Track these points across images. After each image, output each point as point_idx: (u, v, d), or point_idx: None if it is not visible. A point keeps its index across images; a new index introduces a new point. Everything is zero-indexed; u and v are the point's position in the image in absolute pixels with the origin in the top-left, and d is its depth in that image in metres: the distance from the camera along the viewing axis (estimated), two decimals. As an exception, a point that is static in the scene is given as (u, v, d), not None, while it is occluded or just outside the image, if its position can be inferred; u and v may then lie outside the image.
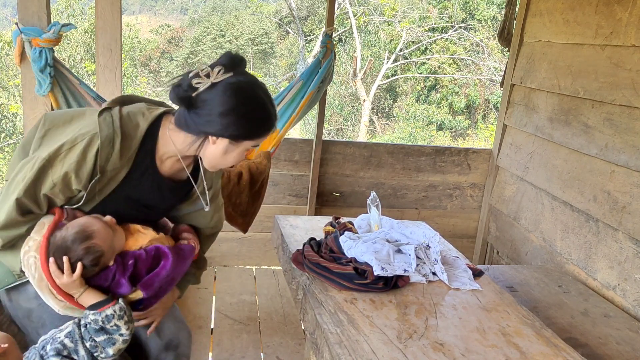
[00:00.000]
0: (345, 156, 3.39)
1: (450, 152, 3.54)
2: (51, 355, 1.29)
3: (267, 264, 3.48)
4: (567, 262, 2.70)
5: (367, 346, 1.38)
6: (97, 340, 1.34)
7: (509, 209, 3.31)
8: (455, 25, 12.83)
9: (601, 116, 2.53)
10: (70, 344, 1.32)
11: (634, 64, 2.32)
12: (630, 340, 2.00)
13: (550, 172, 2.90)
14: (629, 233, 2.30)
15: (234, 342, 2.59)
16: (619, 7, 2.43)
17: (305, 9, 15.57)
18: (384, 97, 14.45)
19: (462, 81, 13.39)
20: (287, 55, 16.01)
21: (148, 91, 11.53)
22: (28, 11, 1.93)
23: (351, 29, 12.47)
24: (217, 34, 16.03)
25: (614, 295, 2.36)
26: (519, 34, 3.25)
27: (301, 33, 14.31)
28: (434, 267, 1.84)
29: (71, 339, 1.33)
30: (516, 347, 1.45)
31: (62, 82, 2.09)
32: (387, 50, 13.02)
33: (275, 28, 16.78)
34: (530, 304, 2.18)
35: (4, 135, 9.84)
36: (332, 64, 3.00)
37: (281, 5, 15.87)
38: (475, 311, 1.63)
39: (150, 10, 23.74)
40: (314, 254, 1.82)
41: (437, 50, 13.17)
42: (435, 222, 3.59)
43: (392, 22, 12.83)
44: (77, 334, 1.34)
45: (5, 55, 9.93)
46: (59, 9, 11.00)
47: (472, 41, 12.95)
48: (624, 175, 2.37)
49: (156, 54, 16.49)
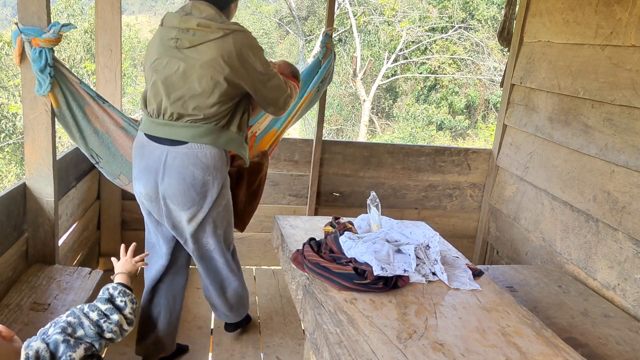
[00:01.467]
0: (345, 156, 3.38)
1: (450, 152, 3.54)
2: (55, 333, 1.29)
3: (267, 264, 3.48)
4: (567, 262, 2.70)
5: (367, 346, 1.38)
6: (103, 309, 1.42)
7: (508, 209, 3.31)
8: (455, 25, 12.84)
9: (601, 116, 2.53)
10: (73, 320, 1.35)
11: (634, 64, 2.32)
12: (630, 340, 2.00)
13: (550, 172, 2.90)
14: (628, 233, 2.30)
15: (233, 342, 2.59)
16: (619, 7, 2.43)
17: (305, 9, 15.57)
18: (384, 97, 14.46)
19: (462, 81, 13.39)
20: (287, 55, 16.02)
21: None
22: (28, 11, 1.93)
23: (351, 29, 12.47)
24: (217, 34, 15.99)
25: (613, 295, 2.36)
26: (519, 34, 3.25)
27: (301, 33, 14.31)
28: (434, 267, 1.84)
29: (74, 316, 1.37)
30: (516, 347, 1.45)
31: (62, 82, 2.09)
32: (387, 50, 13.03)
33: (275, 28, 16.79)
34: (530, 304, 2.18)
35: (4, 135, 9.84)
36: (332, 64, 3.00)
37: (281, 5, 15.88)
38: (475, 311, 1.63)
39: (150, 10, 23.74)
40: (314, 254, 1.82)
41: (437, 50, 13.17)
42: (435, 222, 3.59)
43: (392, 22, 12.83)
44: (79, 310, 1.39)
45: (5, 55, 9.93)
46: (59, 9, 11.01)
47: (472, 41, 12.96)
48: (624, 175, 2.37)
49: (156, 54, 16.46)
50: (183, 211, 2.02)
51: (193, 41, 1.90)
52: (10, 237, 1.98)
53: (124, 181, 2.42)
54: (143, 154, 2.04)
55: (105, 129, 2.29)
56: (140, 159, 2.05)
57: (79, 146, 2.31)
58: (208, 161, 1.98)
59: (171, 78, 1.93)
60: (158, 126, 1.99)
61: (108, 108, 2.28)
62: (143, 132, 2.05)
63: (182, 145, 1.96)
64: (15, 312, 1.82)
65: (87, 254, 2.94)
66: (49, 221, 2.14)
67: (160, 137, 1.98)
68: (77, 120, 2.21)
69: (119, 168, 2.38)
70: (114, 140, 2.32)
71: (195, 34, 1.90)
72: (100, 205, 3.10)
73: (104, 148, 2.31)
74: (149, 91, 2.01)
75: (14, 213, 2.02)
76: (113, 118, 2.30)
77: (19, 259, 2.05)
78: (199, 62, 1.89)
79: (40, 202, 2.12)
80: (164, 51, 1.96)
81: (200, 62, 1.89)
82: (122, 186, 2.46)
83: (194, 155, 1.96)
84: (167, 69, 1.94)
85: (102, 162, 2.34)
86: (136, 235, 3.26)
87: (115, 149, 2.34)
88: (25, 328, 1.74)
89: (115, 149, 2.34)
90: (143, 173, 2.03)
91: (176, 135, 1.96)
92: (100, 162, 2.35)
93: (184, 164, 1.96)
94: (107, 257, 3.21)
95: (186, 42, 1.91)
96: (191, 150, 1.96)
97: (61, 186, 2.36)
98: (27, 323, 1.77)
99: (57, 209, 2.17)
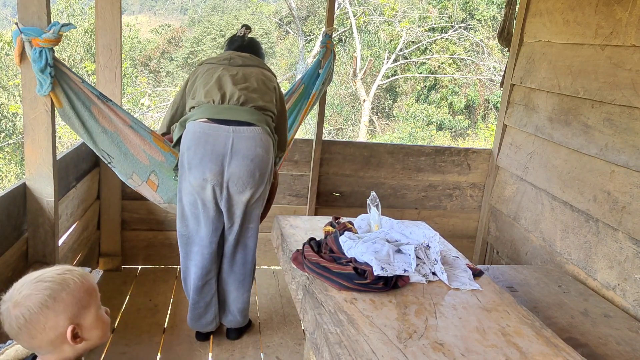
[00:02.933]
0: (345, 156, 3.38)
1: (450, 152, 3.54)
2: None
3: (267, 264, 3.48)
4: (567, 262, 2.70)
5: (367, 346, 1.38)
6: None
7: (508, 209, 3.31)
8: (455, 25, 12.83)
9: (601, 116, 2.53)
10: None
11: (634, 64, 2.32)
12: (630, 340, 2.00)
13: (550, 172, 2.90)
14: (628, 233, 2.30)
15: (233, 342, 2.59)
16: (619, 7, 2.43)
17: (305, 9, 15.57)
18: (384, 97, 14.46)
19: (462, 81, 13.39)
20: (287, 55, 16.02)
21: (148, 91, 11.53)
22: (28, 11, 1.93)
23: (351, 29, 12.47)
24: (217, 34, 16.03)
25: (613, 295, 2.36)
26: (519, 34, 3.25)
27: (301, 33, 14.30)
28: (434, 267, 1.84)
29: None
30: (516, 347, 1.45)
31: (63, 81, 2.09)
32: (387, 50, 13.02)
33: (275, 28, 16.79)
34: (530, 304, 2.18)
35: (4, 135, 9.84)
36: (332, 64, 3.01)
37: (281, 5, 15.87)
38: (475, 311, 1.63)
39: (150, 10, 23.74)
40: (314, 253, 1.82)
41: (437, 50, 13.17)
42: (435, 222, 3.59)
43: (392, 22, 12.83)
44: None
45: (5, 55, 9.93)
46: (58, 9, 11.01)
47: (472, 41, 12.96)
48: (624, 175, 2.37)
49: (156, 54, 16.49)
50: (245, 192, 2.25)
51: (245, 61, 2.38)
52: (10, 237, 1.98)
53: (136, 181, 2.41)
54: (207, 141, 2.19)
55: (113, 127, 2.28)
56: (204, 146, 2.19)
57: (90, 146, 2.30)
58: (268, 143, 2.27)
59: (234, 77, 2.30)
60: (224, 110, 2.24)
61: (114, 107, 2.27)
62: (204, 119, 2.23)
63: (248, 127, 2.22)
64: (15, 312, 1.82)
65: (87, 254, 2.94)
66: (49, 221, 2.14)
67: (227, 119, 2.22)
68: (83, 120, 2.20)
69: (131, 167, 2.37)
70: (124, 139, 2.31)
71: (245, 60, 2.38)
72: (100, 205, 3.10)
73: (114, 147, 2.30)
74: (211, 86, 2.28)
75: (14, 213, 2.01)
76: (120, 117, 2.29)
77: (18, 259, 2.05)
78: (254, 72, 2.35)
79: (40, 202, 2.12)
80: (217, 66, 2.34)
81: (254, 72, 2.35)
82: (135, 187, 2.44)
83: (258, 137, 2.22)
84: (227, 72, 2.31)
85: (114, 161, 2.33)
86: (136, 235, 3.27)
87: (126, 148, 2.33)
88: (25, 328, 1.74)
89: (126, 148, 2.33)
90: (208, 159, 2.18)
91: (242, 116, 2.22)
92: (112, 162, 2.34)
93: (249, 146, 2.20)
94: (107, 257, 3.21)
95: (239, 61, 2.36)
96: (255, 133, 2.22)
97: (61, 186, 2.36)
98: (27, 323, 1.77)
99: (57, 209, 2.17)
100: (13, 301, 1.09)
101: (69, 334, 1.10)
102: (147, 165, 2.38)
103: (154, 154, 2.37)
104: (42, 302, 1.07)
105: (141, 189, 2.44)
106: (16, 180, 9.45)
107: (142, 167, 2.37)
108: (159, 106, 11.40)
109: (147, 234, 3.26)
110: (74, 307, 1.11)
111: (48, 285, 1.09)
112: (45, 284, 1.10)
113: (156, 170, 2.41)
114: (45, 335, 1.09)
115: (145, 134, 2.35)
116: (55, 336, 1.10)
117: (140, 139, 2.33)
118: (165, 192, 2.46)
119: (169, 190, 2.46)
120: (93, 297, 1.16)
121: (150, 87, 13.26)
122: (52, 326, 1.09)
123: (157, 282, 3.16)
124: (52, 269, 1.14)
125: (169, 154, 2.40)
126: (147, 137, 2.35)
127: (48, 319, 1.08)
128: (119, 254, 3.23)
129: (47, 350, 1.12)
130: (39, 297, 1.08)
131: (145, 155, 2.36)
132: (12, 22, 2.38)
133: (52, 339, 1.10)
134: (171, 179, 2.43)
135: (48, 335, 1.10)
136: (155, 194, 2.46)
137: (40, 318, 1.07)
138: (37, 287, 1.09)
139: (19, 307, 1.07)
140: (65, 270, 1.14)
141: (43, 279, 1.11)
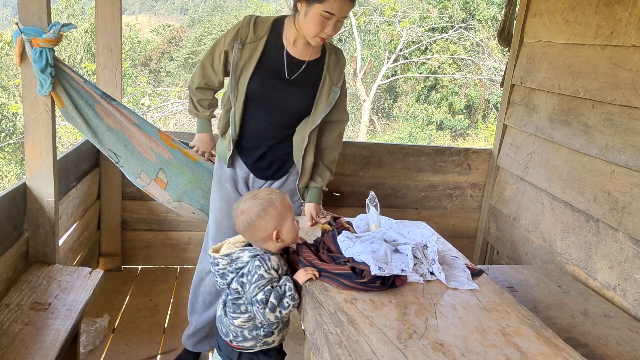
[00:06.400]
0: (345, 156, 3.38)
1: (450, 152, 3.54)
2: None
3: (267, 264, 3.47)
4: (567, 262, 2.70)
5: (367, 346, 1.38)
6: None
7: (509, 209, 3.31)
8: (455, 25, 12.84)
9: (601, 116, 2.53)
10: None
11: (634, 64, 2.32)
12: (630, 340, 2.00)
13: (550, 172, 2.90)
14: (629, 233, 2.30)
15: (234, 342, 2.59)
16: (619, 7, 2.43)
17: (305, 9, 15.53)
18: (384, 97, 14.47)
19: (462, 81, 13.39)
20: (287, 55, 15.98)
21: (148, 91, 11.53)
22: (28, 11, 1.93)
23: (351, 29, 12.47)
24: (217, 34, 16.03)
25: (614, 295, 2.36)
26: (519, 34, 3.25)
27: (301, 33, 14.27)
28: (432, 266, 1.84)
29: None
30: (516, 347, 1.45)
31: (65, 81, 2.08)
32: (387, 50, 13.02)
33: (275, 28, 16.74)
34: (530, 304, 2.18)
35: (4, 135, 9.84)
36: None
37: (281, 5, 15.87)
38: (475, 311, 1.63)
39: (150, 10, 23.76)
40: (312, 254, 1.81)
41: (437, 50, 13.17)
42: (435, 222, 3.58)
43: (392, 22, 12.83)
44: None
45: (5, 55, 9.94)
46: (59, 9, 11.02)
47: (472, 41, 12.96)
48: (624, 176, 2.37)
49: (156, 54, 16.50)
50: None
51: None
52: (10, 237, 1.98)
53: (145, 180, 2.39)
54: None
55: (119, 126, 2.27)
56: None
57: (97, 146, 2.29)
58: None
59: None
60: None
61: (118, 106, 2.27)
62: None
63: None
64: (15, 311, 1.82)
65: (87, 254, 2.94)
66: (49, 221, 2.14)
67: None
68: (87, 119, 2.19)
69: (139, 166, 2.36)
70: (130, 137, 2.30)
71: None
72: (101, 205, 3.10)
73: (120, 145, 2.29)
74: None
75: (14, 213, 2.02)
76: (125, 115, 2.29)
77: (19, 258, 2.05)
78: None
79: (41, 202, 2.12)
80: None
81: None
82: (144, 187, 2.43)
83: None
84: None
85: (122, 160, 2.32)
86: (136, 235, 3.27)
87: (132, 147, 2.32)
88: (25, 328, 1.74)
89: (132, 147, 2.32)
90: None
91: None
92: (120, 161, 2.33)
93: None
94: (107, 257, 3.21)
95: None
96: None
97: (61, 186, 2.36)
98: (28, 323, 1.77)
99: (57, 209, 2.17)
100: (240, 209, 1.65)
101: (274, 235, 1.64)
102: (154, 162, 2.37)
103: (160, 151, 2.36)
104: (257, 213, 1.62)
105: (150, 189, 2.42)
106: (16, 180, 9.45)
107: (150, 164, 2.36)
108: (159, 106, 11.40)
109: (147, 234, 3.26)
110: (277, 218, 1.64)
111: (260, 202, 1.64)
112: (259, 200, 1.64)
113: (164, 167, 2.39)
114: (259, 234, 1.65)
115: (151, 131, 2.34)
116: (266, 235, 1.64)
117: (147, 137, 2.33)
118: (174, 189, 2.44)
119: (178, 188, 2.43)
120: (289, 211, 1.68)
121: (151, 87, 13.27)
122: (264, 229, 1.63)
123: (157, 282, 3.15)
124: (263, 190, 1.72)
125: (176, 150, 2.39)
126: (153, 135, 2.35)
127: (261, 224, 1.63)
128: (119, 254, 3.23)
129: (259, 243, 1.67)
130: (255, 210, 1.62)
131: (152, 153, 2.35)
132: (12, 22, 2.37)
133: (263, 237, 1.65)
134: (180, 177, 2.43)
135: (261, 235, 1.64)
136: (164, 192, 2.43)
137: (256, 224, 1.63)
138: (254, 203, 1.64)
139: (244, 214, 1.64)
140: (271, 192, 1.69)
141: (257, 197, 1.66)
